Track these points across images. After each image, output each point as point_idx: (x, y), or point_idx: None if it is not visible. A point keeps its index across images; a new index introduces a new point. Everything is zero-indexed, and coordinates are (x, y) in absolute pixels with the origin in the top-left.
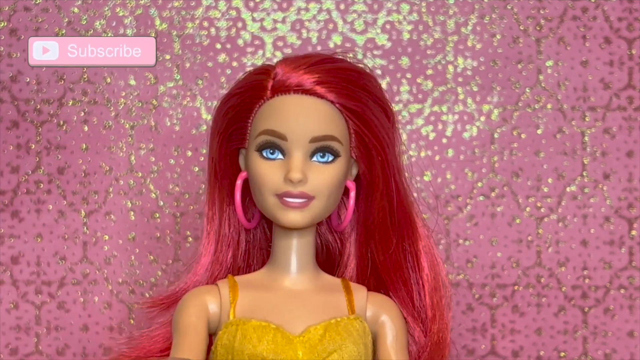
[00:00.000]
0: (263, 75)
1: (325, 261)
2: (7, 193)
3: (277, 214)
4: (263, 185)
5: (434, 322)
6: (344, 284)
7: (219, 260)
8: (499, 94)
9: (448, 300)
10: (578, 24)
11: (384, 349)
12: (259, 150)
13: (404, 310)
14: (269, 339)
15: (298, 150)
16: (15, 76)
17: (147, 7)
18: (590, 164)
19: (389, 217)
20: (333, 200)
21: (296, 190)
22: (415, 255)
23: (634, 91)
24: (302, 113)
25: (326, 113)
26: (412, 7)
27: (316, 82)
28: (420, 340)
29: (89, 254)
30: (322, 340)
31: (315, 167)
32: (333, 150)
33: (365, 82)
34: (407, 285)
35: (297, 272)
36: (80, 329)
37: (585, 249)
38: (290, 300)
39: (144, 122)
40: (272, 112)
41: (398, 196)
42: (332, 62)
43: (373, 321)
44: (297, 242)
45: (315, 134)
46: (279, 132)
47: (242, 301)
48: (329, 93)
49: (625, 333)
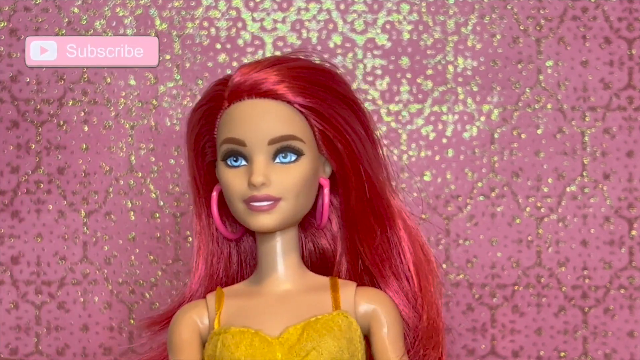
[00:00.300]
0: (220, 86)
1: (321, 264)
2: (7, 193)
3: (247, 219)
4: (231, 193)
5: (424, 308)
6: (331, 282)
7: (212, 274)
8: (499, 94)
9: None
10: (578, 24)
11: (378, 341)
12: (224, 160)
13: (397, 299)
14: (246, 344)
15: (258, 154)
16: (15, 76)
17: (147, 7)
18: (590, 164)
19: (368, 209)
20: (303, 200)
21: (260, 194)
22: (399, 244)
23: (634, 91)
24: (257, 117)
25: (282, 113)
26: (412, 7)
27: (271, 83)
28: (414, 326)
29: (89, 254)
30: (299, 339)
31: (279, 168)
32: (295, 150)
33: (321, 77)
34: (397, 276)
35: (282, 274)
36: (80, 329)
37: (585, 249)
38: (272, 304)
39: (144, 122)
40: (230, 121)
41: (372, 187)
42: (286, 62)
43: (365, 315)
44: (279, 245)
45: (273, 136)
46: (237, 138)
47: (226, 310)
48: (285, 94)
49: (625, 333)
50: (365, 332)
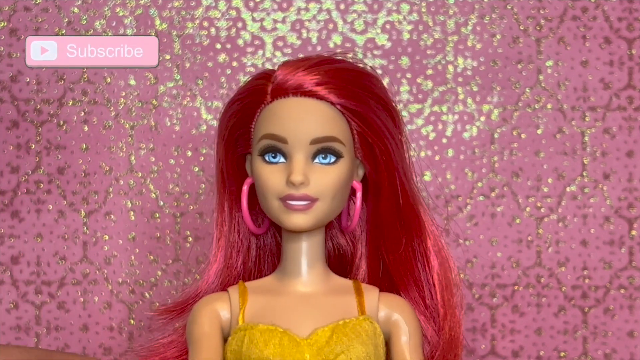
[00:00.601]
0: (263, 80)
1: (338, 264)
2: (7, 193)
3: (282, 217)
4: (266, 189)
5: (446, 320)
6: (355, 286)
7: (230, 266)
8: (499, 94)
9: (459, 299)
10: (578, 24)
11: (398, 349)
12: (261, 155)
13: (416, 309)
14: (275, 343)
15: (299, 153)
16: (15, 76)
17: (147, 7)
18: (590, 164)
19: (397, 217)
20: (338, 202)
21: (298, 193)
22: (425, 255)
23: (634, 91)
24: (301, 115)
25: (326, 114)
26: (412, 7)
27: (315, 83)
28: (432, 340)
29: (89, 254)
30: (329, 342)
31: (318, 169)
32: (335, 151)
33: (365, 81)
34: (418, 285)
35: (306, 275)
36: (80, 329)
37: (585, 249)
38: (298, 304)
39: (144, 122)
40: (272, 116)
41: (405, 195)
42: (331, 63)
43: (386, 321)
44: (306, 245)
45: (316, 136)
46: (279, 135)
47: (251, 306)
48: (329, 94)
49: (625, 333)
50: (385, 339)
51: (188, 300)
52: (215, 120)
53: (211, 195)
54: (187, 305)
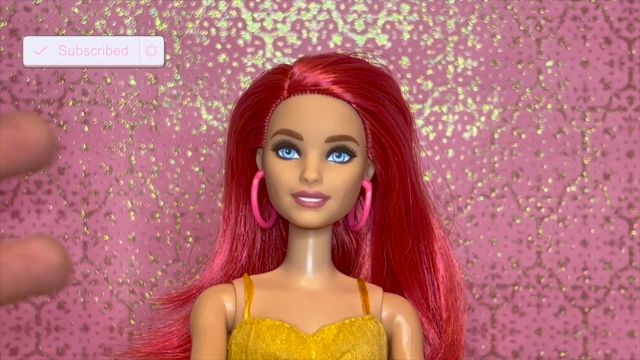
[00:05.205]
0: (280, 75)
1: (340, 261)
2: (7, 193)
3: (293, 213)
4: (279, 184)
5: (449, 323)
6: (359, 284)
7: (234, 259)
8: (499, 94)
9: (463, 302)
10: (578, 24)
11: (399, 350)
12: (275, 150)
13: (418, 311)
14: (282, 338)
15: (314, 150)
16: (15, 76)
17: (147, 7)
18: (591, 164)
19: (405, 218)
20: (349, 201)
21: (311, 190)
22: (430, 257)
23: (634, 91)
24: (318, 112)
25: (342, 113)
26: (412, 7)
27: (333, 81)
28: (434, 342)
29: (89, 254)
30: (335, 340)
31: (331, 167)
32: (349, 151)
33: (382, 82)
34: (422, 287)
35: (312, 271)
36: (80, 329)
37: (585, 249)
38: (305, 300)
39: (144, 122)
40: (288, 112)
41: (414, 197)
42: (349, 62)
43: (388, 322)
44: (313, 242)
45: (331, 134)
46: (295, 131)
47: (257, 300)
48: (346, 93)
49: (625, 333)
50: (387, 339)
51: (191, 291)
52: (215, 121)
53: (212, 196)
54: (190, 296)
